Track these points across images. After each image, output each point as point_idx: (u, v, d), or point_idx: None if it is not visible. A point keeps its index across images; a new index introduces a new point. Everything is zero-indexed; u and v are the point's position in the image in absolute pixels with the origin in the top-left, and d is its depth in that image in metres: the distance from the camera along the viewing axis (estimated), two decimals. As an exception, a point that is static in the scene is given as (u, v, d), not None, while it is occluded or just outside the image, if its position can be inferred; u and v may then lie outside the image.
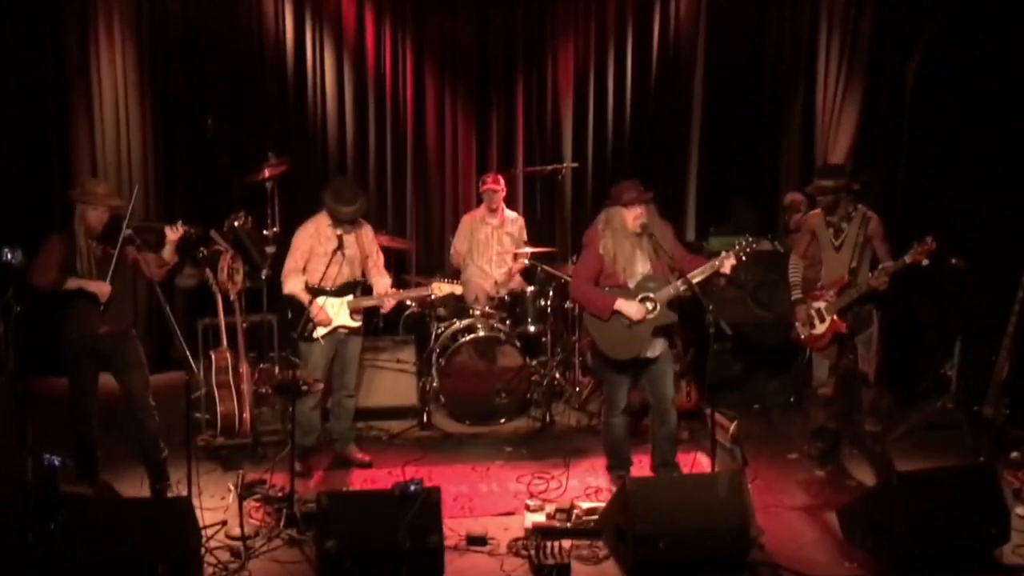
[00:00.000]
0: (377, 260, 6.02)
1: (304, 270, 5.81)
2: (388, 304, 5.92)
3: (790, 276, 6.07)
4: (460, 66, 8.43)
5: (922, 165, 7.15)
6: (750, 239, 5.29)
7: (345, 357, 5.93)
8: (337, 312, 5.77)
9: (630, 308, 5.24)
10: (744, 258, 5.25)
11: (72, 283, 5.15)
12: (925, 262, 5.48)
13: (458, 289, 5.99)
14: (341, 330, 5.82)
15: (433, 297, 6.03)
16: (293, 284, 5.79)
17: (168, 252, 5.40)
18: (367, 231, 5.97)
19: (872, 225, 5.79)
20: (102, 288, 5.15)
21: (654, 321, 5.27)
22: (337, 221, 5.76)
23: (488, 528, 5.06)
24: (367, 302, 5.88)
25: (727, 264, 5.21)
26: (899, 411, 6.60)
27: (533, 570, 4.62)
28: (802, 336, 5.94)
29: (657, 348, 5.37)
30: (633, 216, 5.26)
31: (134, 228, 5.25)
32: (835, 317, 5.75)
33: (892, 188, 7.48)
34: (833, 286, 5.79)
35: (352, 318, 5.82)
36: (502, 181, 7.50)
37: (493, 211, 7.44)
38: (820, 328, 5.82)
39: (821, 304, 5.82)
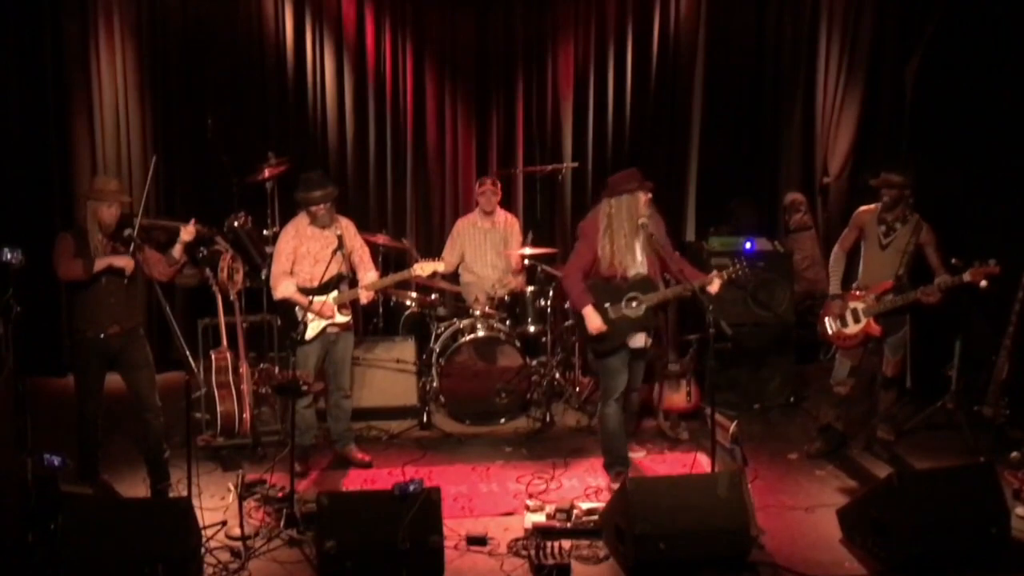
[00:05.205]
0: (362, 254, 6.02)
1: (291, 272, 5.81)
2: (365, 296, 5.90)
3: (830, 270, 5.98)
4: (460, 66, 8.41)
5: (922, 165, 7.14)
6: (744, 264, 5.33)
7: (336, 357, 5.92)
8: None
9: (592, 321, 5.34)
10: (735, 279, 5.33)
11: (100, 263, 5.16)
12: (984, 284, 5.40)
13: (440, 266, 5.98)
14: (331, 329, 5.82)
15: (415, 275, 6.00)
16: (285, 288, 5.79)
17: (178, 251, 5.41)
18: (348, 226, 5.95)
19: (925, 233, 5.69)
20: (128, 262, 5.17)
21: (637, 321, 5.37)
22: (311, 208, 5.73)
23: (488, 528, 5.07)
24: (351, 295, 5.89)
25: (716, 284, 5.28)
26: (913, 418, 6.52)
27: (533, 570, 4.63)
28: (829, 332, 5.88)
29: (640, 340, 5.46)
30: (646, 200, 5.33)
31: (145, 226, 5.24)
32: (872, 320, 5.69)
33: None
34: (875, 289, 5.72)
35: (340, 312, 5.82)
36: (499, 184, 7.50)
37: (487, 214, 7.42)
38: (853, 328, 5.76)
39: (859, 304, 5.74)
